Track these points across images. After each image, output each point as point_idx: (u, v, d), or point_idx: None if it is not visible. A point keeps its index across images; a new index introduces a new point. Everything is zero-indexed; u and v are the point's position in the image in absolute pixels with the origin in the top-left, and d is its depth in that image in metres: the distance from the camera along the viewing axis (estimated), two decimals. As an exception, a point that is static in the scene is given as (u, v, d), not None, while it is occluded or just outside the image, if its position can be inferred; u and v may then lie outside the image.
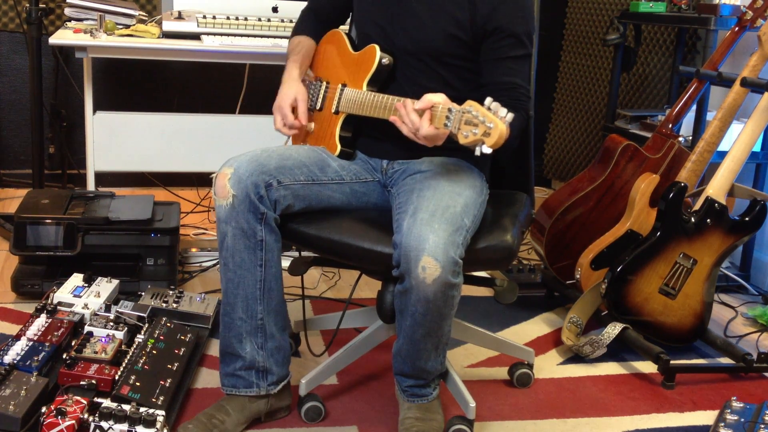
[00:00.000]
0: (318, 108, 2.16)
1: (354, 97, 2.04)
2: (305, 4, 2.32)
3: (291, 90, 2.12)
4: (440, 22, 1.99)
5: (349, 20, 2.30)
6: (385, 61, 2.03)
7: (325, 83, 2.15)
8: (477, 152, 1.69)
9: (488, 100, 1.69)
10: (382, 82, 2.05)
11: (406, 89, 2.02)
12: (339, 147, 2.09)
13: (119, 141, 2.98)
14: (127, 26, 2.88)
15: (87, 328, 2.19)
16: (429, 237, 1.74)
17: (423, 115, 1.76)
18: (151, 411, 1.87)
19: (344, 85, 2.09)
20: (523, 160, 2.22)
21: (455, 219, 1.81)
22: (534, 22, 2.04)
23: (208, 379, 2.25)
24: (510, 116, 1.68)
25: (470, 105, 1.69)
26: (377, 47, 2.03)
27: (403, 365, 1.97)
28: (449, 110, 1.72)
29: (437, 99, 1.76)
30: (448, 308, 1.83)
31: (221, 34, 2.82)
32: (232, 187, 1.89)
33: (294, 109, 2.11)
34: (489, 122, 1.65)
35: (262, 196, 1.90)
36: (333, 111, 2.10)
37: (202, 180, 3.48)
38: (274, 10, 3.02)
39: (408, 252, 1.75)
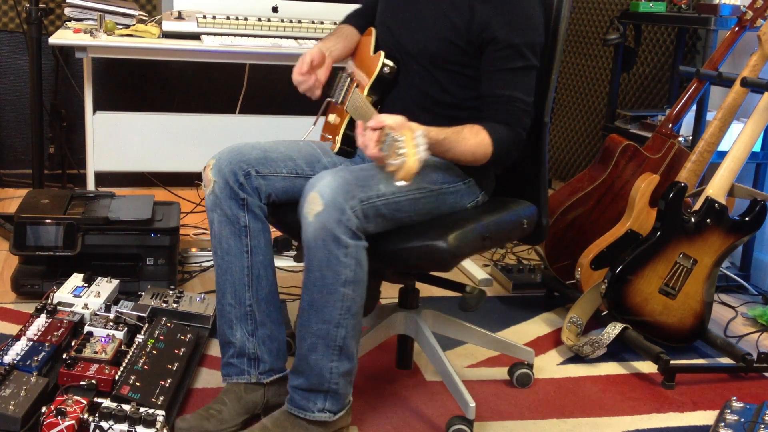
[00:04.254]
0: (339, 102, 2.16)
1: (355, 99, 2.05)
2: (305, 4, 2.31)
3: (315, 48, 2.08)
4: (439, 26, 1.99)
5: None
6: (387, 69, 2.03)
7: (349, 79, 2.15)
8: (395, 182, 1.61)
9: (419, 131, 1.60)
10: (383, 88, 2.04)
11: (404, 92, 2.02)
12: (338, 145, 2.09)
13: (119, 141, 2.98)
14: (127, 26, 2.88)
15: (87, 328, 2.19)
16: (326, 177, 1.75)
17: (375, 134, 1.68)
18: (151, 411, 1.87)
19: (357, 86, 2.10)
20: (535, 168, 2.15)
21: (368, 180, 1.77)
22: (540, 32, 1.97)
23: (208, 379, 2.25)
24: (426, 155, 1.58)
25: (403, 134, 1.59)
26: (383, 54, 2.04)
27: (300, 338, 1.84)
28: (387, 135, 1.63)
29: (389, 121, 1.66)
30: (332, 273, 1.73)
31: (221, 34, 2.82)
32: (213, 175, 1.95)
33: (314, 65, 2.05)
34: (405, 156, 1.56)
35: (241, 183, 1.94)
36: (345, 108, 2.11)
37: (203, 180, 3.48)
38: (274, 10, 3.02)
39: (305, 191, 1.76)
